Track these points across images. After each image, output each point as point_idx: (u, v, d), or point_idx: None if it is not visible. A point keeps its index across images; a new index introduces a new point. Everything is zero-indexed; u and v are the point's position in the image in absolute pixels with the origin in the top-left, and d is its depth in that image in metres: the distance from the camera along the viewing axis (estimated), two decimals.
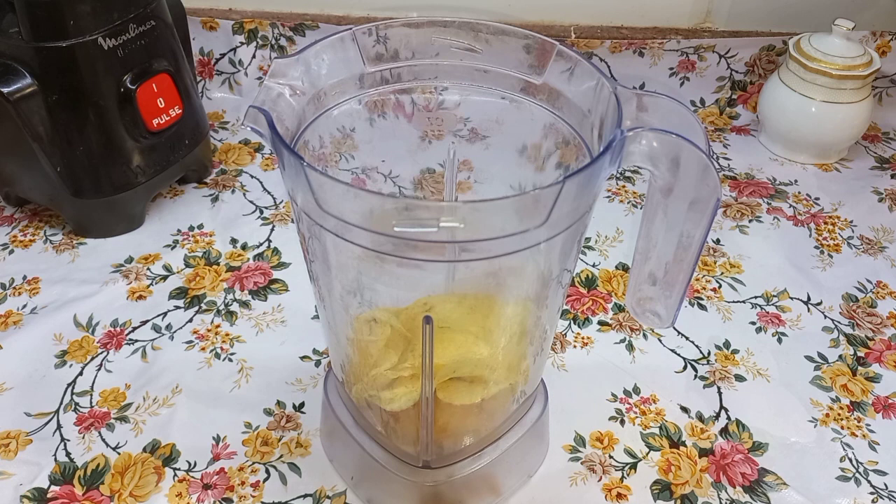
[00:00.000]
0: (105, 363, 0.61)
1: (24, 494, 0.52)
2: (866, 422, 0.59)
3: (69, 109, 0.66)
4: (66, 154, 0.67)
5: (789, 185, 0.82)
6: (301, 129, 0.42)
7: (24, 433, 0.56)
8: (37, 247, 0.72)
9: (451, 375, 0.46)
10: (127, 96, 0.67)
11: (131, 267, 0.70)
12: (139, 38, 0.67)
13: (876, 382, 0.62)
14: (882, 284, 0.70)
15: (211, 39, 0.90)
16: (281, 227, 0.74)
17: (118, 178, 0.70)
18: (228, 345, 0.63)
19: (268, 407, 0.58)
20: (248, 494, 0.52)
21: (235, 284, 0.68)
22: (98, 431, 0.56)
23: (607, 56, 0.90)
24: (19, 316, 0.64)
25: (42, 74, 0.64)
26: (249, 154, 0.84)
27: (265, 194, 0.78)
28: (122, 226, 0.73)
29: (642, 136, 0.38)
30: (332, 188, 0.36)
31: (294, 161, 0.36)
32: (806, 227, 0.77)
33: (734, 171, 0.84)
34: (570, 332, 0.65)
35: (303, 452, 0.55)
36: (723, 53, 0.90)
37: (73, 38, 0.63)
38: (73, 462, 0.54)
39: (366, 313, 0.46)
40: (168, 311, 0.65)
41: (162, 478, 0.53)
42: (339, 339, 0.48)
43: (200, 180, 0.80)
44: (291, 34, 0.90)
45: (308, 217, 0.39)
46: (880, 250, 0.74)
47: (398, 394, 0.46)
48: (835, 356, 0.64)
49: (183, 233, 0.73)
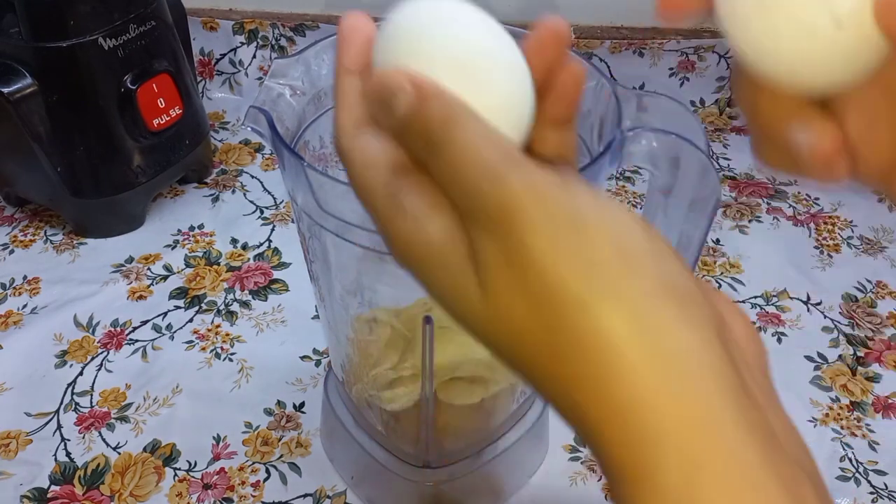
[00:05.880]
0: (105, 363, 0.61)
1: (24, 494, 0.52)
2: (866, 422, 0.58)
3: (69, 109, 0.66)
4: (66, 154, 0.67)
5: (789, 185, 0.82)
6: (301, 129, 0.42)
7: (24, 433, 0.56)
8: (37, 247, 0.72)
9: (451, 375, 0.46)
10: (127, 96, 0.67)
11: (131, 267, 0.70)
12: (139, 38, 0.67)
13: (876, 382, 0.62)
14: (882, 284, 0.70)
15: (211, 39, 0.90)
16: (281, 227, 0.74)
17: (118, 178, 0.70)
18: (229, 345, 0.63)
19: (268, 407, 0.58)
20: (248, 494, 0.52)
21: (236, 284, 0.68)
22: (98, 431, 0.56)
23: (607, 56, 0.90)
24: (19, 316, 0.64)
25: (42, 74, 0.64)
26: (250, 154, 0.84)
27: (265, 194, 0.78)
28: (122, 226, 0.73)
29: (642, 136, 0.38)
30: (332, 188, 0.36)
31: (294, 161, 0.36)
32: (806, 227, 0.77)
33: (734, 171, 0.84)
34: None
35: (303, 452, 0.55)
36: (723, 53, 0.90)
37: (73, 38, 0.63)
38: (74, 462, 0.54)
39: (366, 313, 0.46)
40: (168, 311, 0.65)
41: (162, 478, 0.53)
42: (339, 339, 0.48)
43: (201, 180, 0.80)
44: (291, 34, 0.90)
45: (308, 217, 0.39)
46: (880, 250, 0.74)
47: (398, 394, 0.46)
48: (834, 356, 0.64)
49: (183, 233, 0.73)
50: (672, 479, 0.20)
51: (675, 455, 0.20)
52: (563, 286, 0.21)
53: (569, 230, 0.21)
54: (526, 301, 0.21)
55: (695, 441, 0.20)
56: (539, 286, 0.21)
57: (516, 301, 0.22)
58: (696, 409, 0.20)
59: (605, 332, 0.21)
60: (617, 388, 0.21)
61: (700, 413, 0.20)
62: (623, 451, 0.21)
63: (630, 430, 0.20)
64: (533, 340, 0.22)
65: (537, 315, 0.21)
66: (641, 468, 0.20)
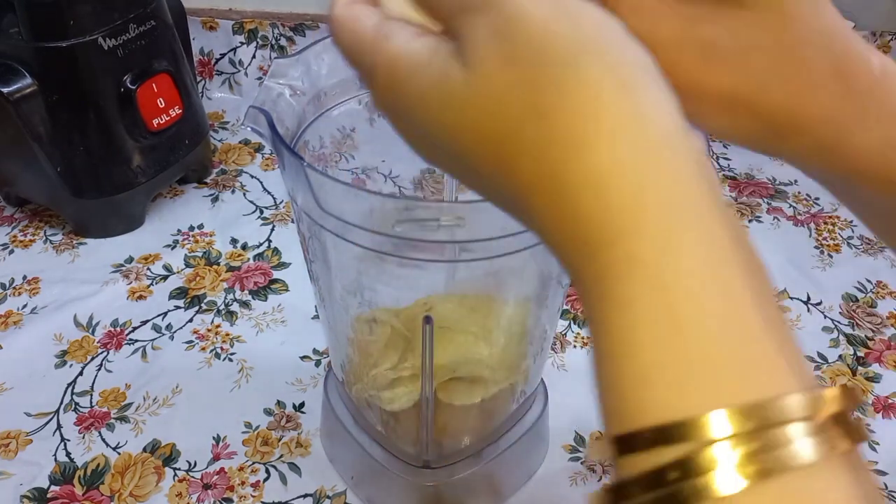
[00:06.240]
0: (105, 363, 0.61)
1: (24, 494, 0.52)
2: (866, 422, 0.58)
3: (69, 109, 0.66)
4: (66, 154, 0.67)
5: (789, 185, 0.82)
6: (301, 129, 0.42)
7: (24, 433, 0.56)
8: (37, 247, 0.72)
9: (451, 375, 0.46)
10: (127, 96, 0.67)
11: (131, 267, 0.70)
12: (139, 38, 0.67)
13: (876, 382, 0.62)
14: (882, 284, 0.70)
15: (211, 39, 0.90)
16: (281, 227, 0.74)
17: (118, 178, 0.70)
18: (228, 345, 0.63)
19: (268, 407, 0.58)
20: (248, 494, 0.52)
21: (235, 284, 0.68)
22: (98, 431, 0.56)
23: None
24: (19, 316, 0.64)
25: (42, 74, 0.64)
26: (249, 154, 0.84)
27: (265, 194, 0.78)
28: (122, 226, 0.73)
29: None
30: (332, 188, 0.36)
31: (294, 161, 0.36)
32: (806, 227, 0.77)
33: (734, 171, 0.84)
34: (570, 332, 0.65)
35: (303, 452, 0.55)
36: None
37: (73, 38, 0.63)
38: (73, 462, 0.54)
39: (366, 313, 0.46)
40: (168, 311, 0.65)
41: (162, 478, 0.53)
42: (339, 339, 0.48)
43: (200, 180, 0.80)
44: (291, 34, 0.90)
45: (308, 217, 0.39)
46: (880, 250, 0.74)
47: (398, 394, 0.46)
48: (835, 356, 0.64)
49: (183, 233, 0.73)
50: (647, 245, 0.19)
51: (652, 223, 0.20)
52: (553, 48, 0.21)
53: (558, 9, 0.22)
54: (512, 66, 0.21)
55: (673, 211, 0.20)
56: (528, 51, 0.21)
57: (503, 68, 0.22)
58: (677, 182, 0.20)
59: (595, 87, 0.21)
60: (600, 146, 0.20)
61: (680, 187, 0.20)
62: (599, 216, 0.20)
63: (609, 194, 0.20)
64: (515, 103, 0.21)
65: (524, 77, 0.21)
66: (616, 234, 0.20)
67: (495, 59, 0.22)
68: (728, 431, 0.18)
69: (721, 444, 0.18)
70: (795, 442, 0.18)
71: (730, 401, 0.18)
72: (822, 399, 0.19)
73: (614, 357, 0.20)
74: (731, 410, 0.18)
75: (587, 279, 0.21)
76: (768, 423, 0.18)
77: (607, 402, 0.21)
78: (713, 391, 0.18)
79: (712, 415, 0.18)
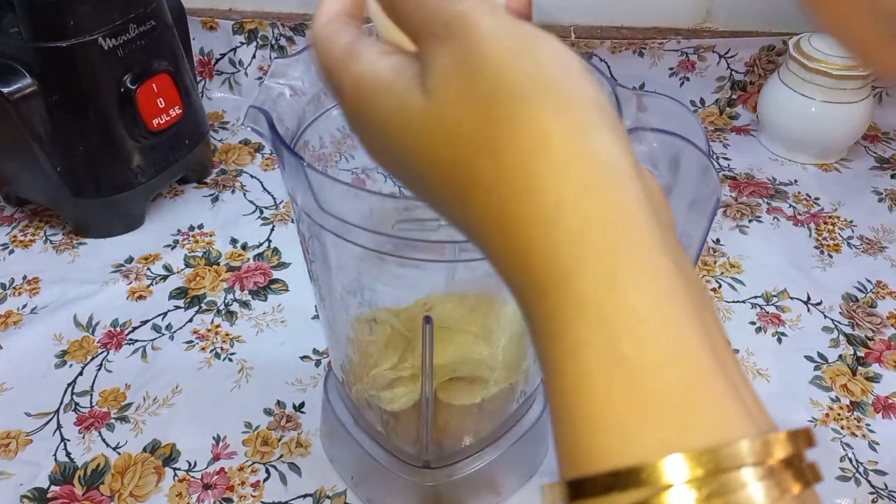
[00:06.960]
0: (105, 363, 0.61)
1: (24, 494, 0.52)
2: (866, 422, 0.58)
3: (69, 109, 0.66)
4: (66, 154, 0.67)
5: (789, 185, 0.82)
6: (301, 129, 0.42)
7: (24, 433, 0.56)
8: (37, 247, 0.72)
9: (451, 375, 0.46)
10: (127, 96, 0.67)
11: (131, 267, 0.70)
12: (139, 38, 0.67)
13: (876, 382, 0.62)
14: (882, 284, 0.70)
15: (211, 39, 0.90)
16: (281, 227, 0.74)
17: (118, 178, 0.70)
18: (228, 345, 0.63)
19: (268, 407, 0.58)
20: (248, 494, 0.52)
21: (235, 284, 0.68)
22: (98, 431, 0.56)
23: (607, 56, 0.90)
24: (19, 316, 0.64)
25: (42, 74, 0.64)
26: (249, 154, 0.84)
27: (265, 194, 0.78)
28: (122, 226, 0.73)
29: (642, 136, 0.38)
30: (332, 188, 0.36)
31: (294, 161, 0.36)
32: (806, 227, 0.77)
33: (734, 171, 0.84)
34: None
35: (303, 452, 0.55)
36: (723, 53, 0.90)
37: (73, 38, 0.63)
38: (73, 462, 0.54)
39: (366, 313, 0.46)
40: (168, 311, 0.65)
41: (162, 478, 0.53)
42: (339, 339, 0.48)
43: (200, 180, 0.80)
44: (291, 34, 0.90)
45: (308, 217, 0.39)
46: (880, 250, 0.74)
47: (398, 394, 0.46)
48: (835, 356, 0.64)
49: (183, 233, 0.73)
50: (591, 284, 0.20)
51: (596, 260, 0.20)
52: (511, 83, 0.21)
53: (520, 43, 0.22)
54: (470, 97, 0.22)
55: (619, 247, 0.20)
56: (486, 83, 0.22)
57: (461, 98, 0.22)
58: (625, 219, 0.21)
59: (546, 125, 0.21)
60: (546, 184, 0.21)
61: (627, 223, 0.20)
62: (546, 254, 0.21)
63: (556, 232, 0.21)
64: (470, 134, 0.22)
65: (480, 110, 0.22)
66: (562, 273, 0.20)
67: (454, 89, 0.22)
68: (683, 477, 0.18)
69: (676, 489, 0.18)
70: (749, 486, 0.18)
71: (680, 446, 0.18)
72: (771, 443, 0.19)
73: (566, 401, 0.20)
74: (685, 455, 0.18)
75: (539, 320, 0.21)
76: (721, 468, 0.18)
77: (561, 445, 0.21)
78: (664, 436, 0.19)
79: (667, 460, 0.18)
